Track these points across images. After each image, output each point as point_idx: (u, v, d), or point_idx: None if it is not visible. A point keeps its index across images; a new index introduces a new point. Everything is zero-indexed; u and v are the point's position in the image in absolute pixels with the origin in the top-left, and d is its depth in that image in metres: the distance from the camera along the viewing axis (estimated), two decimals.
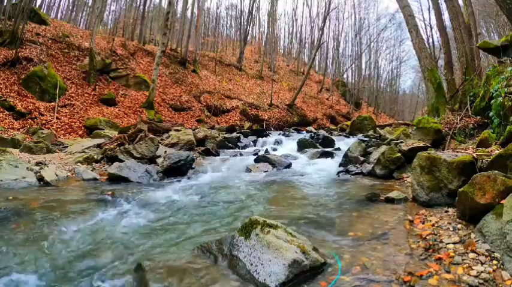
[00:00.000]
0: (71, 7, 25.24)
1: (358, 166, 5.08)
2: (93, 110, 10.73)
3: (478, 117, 5.52)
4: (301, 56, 32.42)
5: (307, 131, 13.39)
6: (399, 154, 4.57)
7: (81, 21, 24.65)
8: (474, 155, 3.06)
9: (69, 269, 1.89)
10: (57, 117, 9.32)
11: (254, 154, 7.02)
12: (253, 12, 26.23)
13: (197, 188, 4.05)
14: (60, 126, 9.06)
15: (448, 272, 1.78)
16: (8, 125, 8.07)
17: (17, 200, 3.11)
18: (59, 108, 9.74)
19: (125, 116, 11.67)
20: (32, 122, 8.59)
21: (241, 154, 7.29)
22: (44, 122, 8.86)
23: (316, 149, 7.38)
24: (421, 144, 4.77)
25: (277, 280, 1.64)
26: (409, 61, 53.43)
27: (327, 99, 25.83)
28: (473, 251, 1.94)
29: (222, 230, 2.51)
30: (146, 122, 9.68)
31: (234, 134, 9.93)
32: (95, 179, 4.27)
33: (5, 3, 12.25)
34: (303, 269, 1.73)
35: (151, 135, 6.00)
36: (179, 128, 9.83)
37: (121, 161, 4.99)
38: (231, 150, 7.87)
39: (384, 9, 74.31)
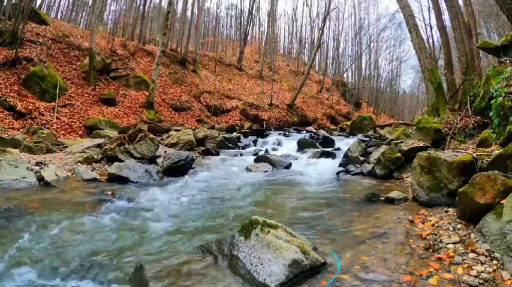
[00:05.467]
0: (71, 7, 25.24)
1: (358, 166, 5.08)
2: (93, 110, 10.72)
3: (478, 117, 5.52)
4: (301, 56, 32.41)
5: (307, 131, 13.40)
6: (399, 154, 4.57)
7: (81, 21, 24.63)
8: (474, 155, 3.06)
9: (69, 269, 1.89)
10: (57, 117, 9.31)
11: (254, 154, 7.02)
12: (253, 12, 26.24)
13: (197, 188, 4.04)
14: (60, 126, 9.06)
15: (448, 272, 1.78)
16: (8, 125, 8.06)
17: (17, 200, 3.11)
18: (59, 108, 9.73)
19: (125, 116, 11.67)
20: (32, 122, 8.59)
21: (241, 154, 7.30)
22: (44, 122, 8.85)
23: (316, 149, 7.39)
24: (421, 144, 4.77)
25: (277, 280, 1.64)
26: (409, 61, 53.44)
27: (327, 99, 25.83)
28: (473, 251, 1.94)
29: (222, 230, 2.51)
30: (146, 122, 9.69)
31: (234, 134, 9.94)
32: (95, 179, 4.27)
33: (5, 3, 12.24)
34: (303, 269, 1.73)
35: (151, 135, 6.00)
36: (179, 128, 9.84)
37: (121, 161, 4.99)
38: (231, 150, 7.87)
39: (384, 9, 74.51)
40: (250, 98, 19.00)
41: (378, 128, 11.22)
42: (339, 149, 7.70)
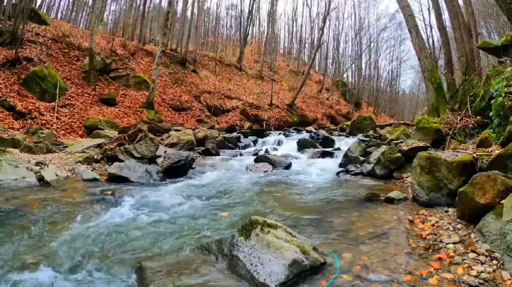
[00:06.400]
0: (71, 7, 25.24)
1: (358, 166, 5.08)
2: (93, 110, 10.72)
3: (478, 117, 5.51)
4: (301, 56, 32.41)
5: (307, 131, 13.40)
6: (399, 154, 4.57)
7: (81, 21, 24.60)
8: (474, 155, 3.06)
9: (68, 269, 1.89)
10: (57, 117, 9.31)
11: (254, 154, 7.01)
12: (253, 12, 26.23)
13: (197, 188, 4.04)
14: (60, 127, 9.06)
15: (448, 272, 1.78)
16: (8, 125, 8.06)
17: (17, 200, 3.11)
18: (59, 108, 9.74)
19: (125, 116, 11.67)
20: (32, 122, 8.59)
21: (241, 154, 7.29)
22: (44, 122, 8.86)
23: (316, 149, 7.39)
24: (421, 144, 4.77)
25: (277, 280, 1.64)
26: (409, 61, 53.34)
27: (327, 99, 25.83)
28: (473, 251, 1.94)
29: (222, 230, 2.51)
30: (146, 122, 9.70)
31: (234, 134, 9.93)
32: (95, 179, 4.26)
33: (5, 3, 12.24)
34: (303, 269, 1.73)
35: (151, 135, 6.00)
36: (179, 128, 9.84)
37: (121, 161, 4.99)
38: (231, 150, 7.87)
39: (384, 9, 74.20)
40: (250, 98, 19.00)
41: (378, 128, 11.20)
42: (339, 149, 7.70)
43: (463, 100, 7.78)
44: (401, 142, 5.48)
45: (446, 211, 2.69)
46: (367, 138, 8.11)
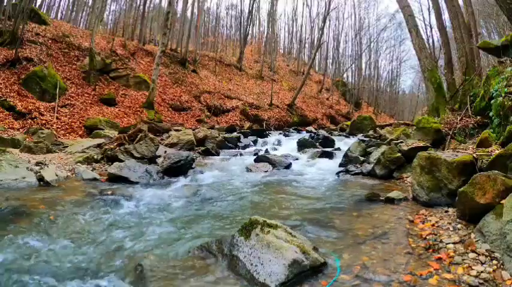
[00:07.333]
0: (71, 7, 25.22)
1: (358, 166, 5.08)
2: (93, 110, 10.72)
3: (478, 117, 5.51)
4: (301, 56, 32.40)
5: (307, 131, 13.40)
6: (399, 154, 4.57)
7: (81, 21, 24.58)
8: (474, 155, 3.06)
9: (68, 269, 1.89)
10: (57, 117, 9.31)
11: (254, 154, 7.01)
12: (253, 12, 26.23)
13: (197, 188, 4.04)
14: (60, 127, 9.06)
15: (448, 272, 1.78)
16: (8, 125, 8.06)
17: (16, 200, 3.11)
18: (59, 108, 9.73)
19: (125, 116, 11.67)
20: (32, 122, 8.59)
21: (241, 154, 7.29)
22: (44, 122, 8.86)
23: (316, 149, 7.38)
24: (421, 144, 4.77)
25: (277, 280, 1.64)
26: (409, 61, 53.35)
27: (327, 99, 25.83)
28: (473, 251, 1.94)
29: (222, 230, 2.51)
30: (146, 122, 9.70)
31: (234, 134, 9.93)
32: (95, 179, 4.27)
33: (5, 3, 12.24)
34: (303, 269, 1.73)
35: (151, 135, 6.00)
36: (179, 128, 9.84)
37: (121, 161, 4.98)
38: (231, 150, 7.87)
39: (384, 9, 74.23)
40: (250, 98, 18.99)
41: (378, 128, 11.20)
42: (339, 149, 7.70)
43: (463, 100, 7.78)
44: (401, 142, 5.48)
45: (446, 211, 2.70)
46: (367, 138, 8.11)
